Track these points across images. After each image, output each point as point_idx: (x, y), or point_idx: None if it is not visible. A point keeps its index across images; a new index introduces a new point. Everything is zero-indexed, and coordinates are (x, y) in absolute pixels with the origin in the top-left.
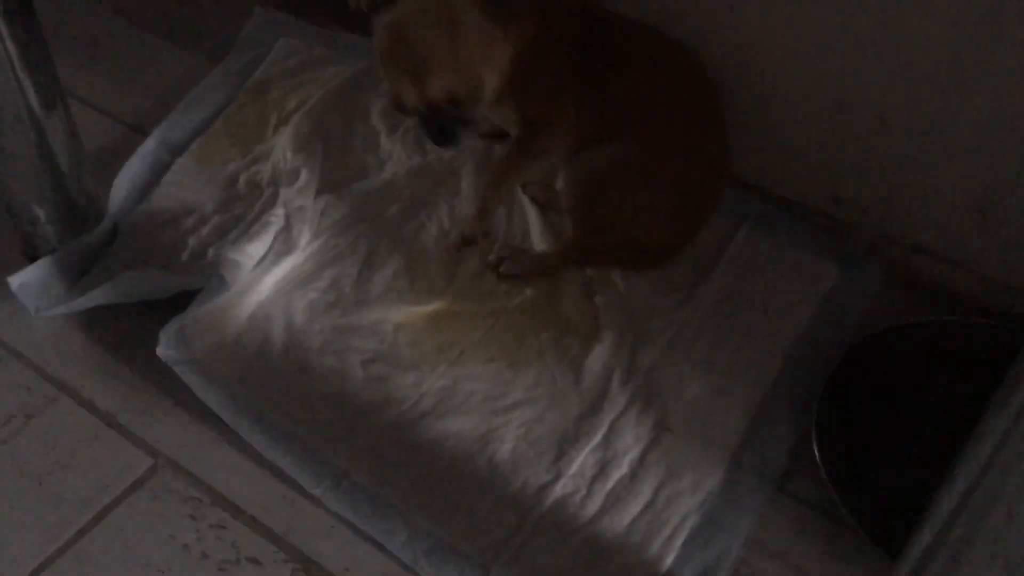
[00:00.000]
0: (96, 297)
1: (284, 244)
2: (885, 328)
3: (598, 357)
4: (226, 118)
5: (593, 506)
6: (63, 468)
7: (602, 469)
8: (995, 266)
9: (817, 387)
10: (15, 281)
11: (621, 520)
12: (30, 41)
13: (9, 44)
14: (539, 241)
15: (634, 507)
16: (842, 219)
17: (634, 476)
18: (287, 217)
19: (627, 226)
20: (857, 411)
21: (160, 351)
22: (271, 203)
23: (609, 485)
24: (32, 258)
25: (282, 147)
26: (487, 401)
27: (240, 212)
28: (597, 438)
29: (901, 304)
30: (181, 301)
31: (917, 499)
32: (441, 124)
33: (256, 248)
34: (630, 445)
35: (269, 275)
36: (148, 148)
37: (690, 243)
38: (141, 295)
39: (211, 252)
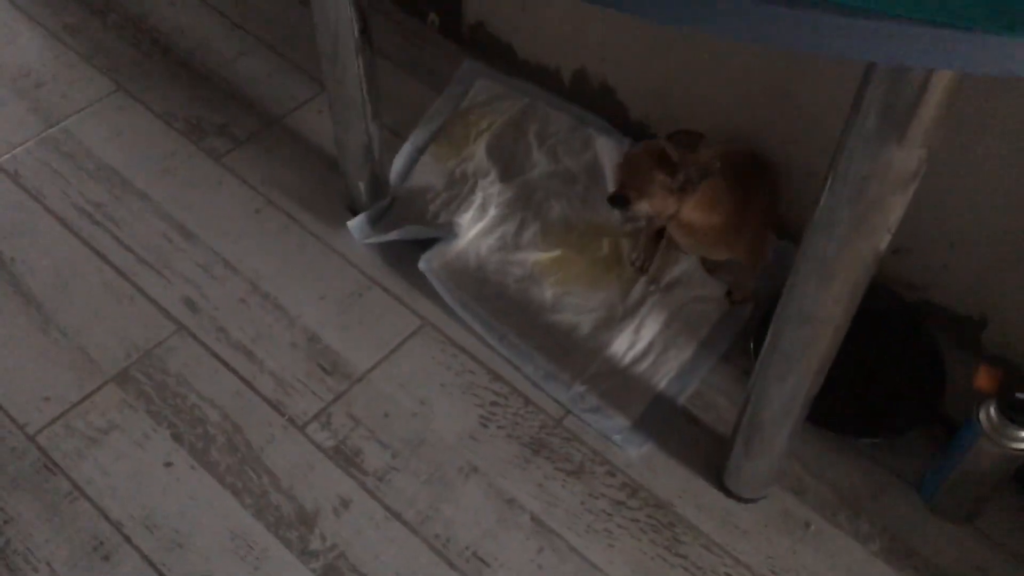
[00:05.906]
0: (391, 236)
1: (480, 213)
2: None
3: (639, 289)
4: (446, 131)
5: (625, 361)
6: (370, 326)
7: (631, 344)
8: None
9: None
10: (351, 223)
11: (639, 368)
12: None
13: (362, 70)
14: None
15: (645, 364)
16: None
17: (646, 351)
18: (484, 199)
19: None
20: None
21: (420, 265)
22: (473, 188)
23: (634, 353)
24: (352, 211)
25: (480, 153)
26: (577, 306)
27: (456, 192)
28: (630, 329)
29: None
30: (432, 241)
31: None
32: None
33: (466, 217)
34: (648, 333)
35: (472, 230)
36: (405, 149)
37: None
38: (413, 236)
39: (443, 215)
